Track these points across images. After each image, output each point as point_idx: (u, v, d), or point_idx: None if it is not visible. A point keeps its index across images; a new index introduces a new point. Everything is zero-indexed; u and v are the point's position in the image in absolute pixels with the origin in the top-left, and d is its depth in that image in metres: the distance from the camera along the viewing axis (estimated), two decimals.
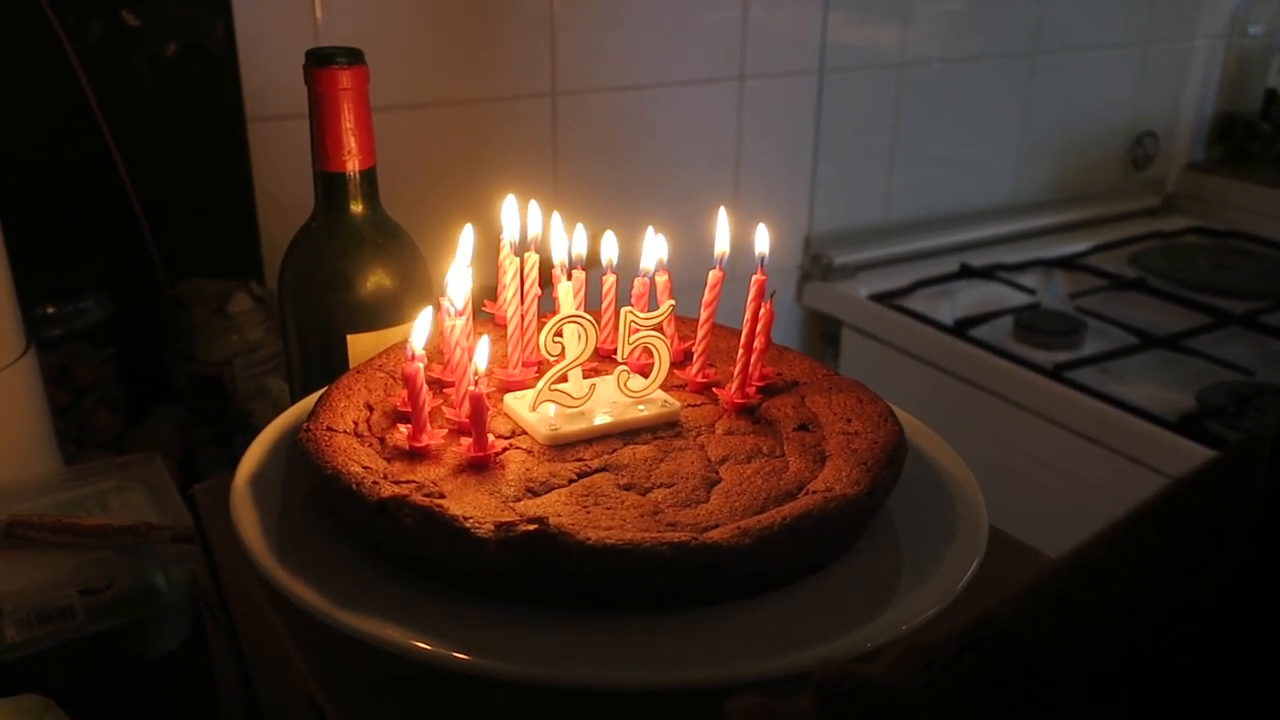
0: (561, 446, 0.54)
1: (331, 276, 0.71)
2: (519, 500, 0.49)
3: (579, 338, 0.56)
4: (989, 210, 1.64)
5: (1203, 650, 0.25)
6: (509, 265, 0.62)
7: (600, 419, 0.55)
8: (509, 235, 0.62)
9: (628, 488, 0.51)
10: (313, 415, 0.54)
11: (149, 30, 1.01)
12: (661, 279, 0.63)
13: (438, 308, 0.57)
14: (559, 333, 0.56)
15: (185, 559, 0.73)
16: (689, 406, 0.58)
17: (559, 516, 0.47)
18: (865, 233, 1.53)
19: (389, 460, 0.52)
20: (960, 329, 1.32)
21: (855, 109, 1.46)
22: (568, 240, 0.62)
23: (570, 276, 0.60)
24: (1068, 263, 1.57)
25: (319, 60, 0.68)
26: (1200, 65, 1.79)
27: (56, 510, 0.76)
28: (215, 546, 0.60)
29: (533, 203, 0.63)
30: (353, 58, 0.68)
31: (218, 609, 0.61)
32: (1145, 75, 1.74)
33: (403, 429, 0.53)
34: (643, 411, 0.56)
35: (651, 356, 0.58)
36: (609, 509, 0.48)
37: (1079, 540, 0.30)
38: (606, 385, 0.58)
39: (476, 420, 0.51)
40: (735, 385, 0.59)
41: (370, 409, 0.56)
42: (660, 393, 0.58)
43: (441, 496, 0.48)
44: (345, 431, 0.53)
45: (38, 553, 0.72)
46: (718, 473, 0.52)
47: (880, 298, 1.42)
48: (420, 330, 0.54)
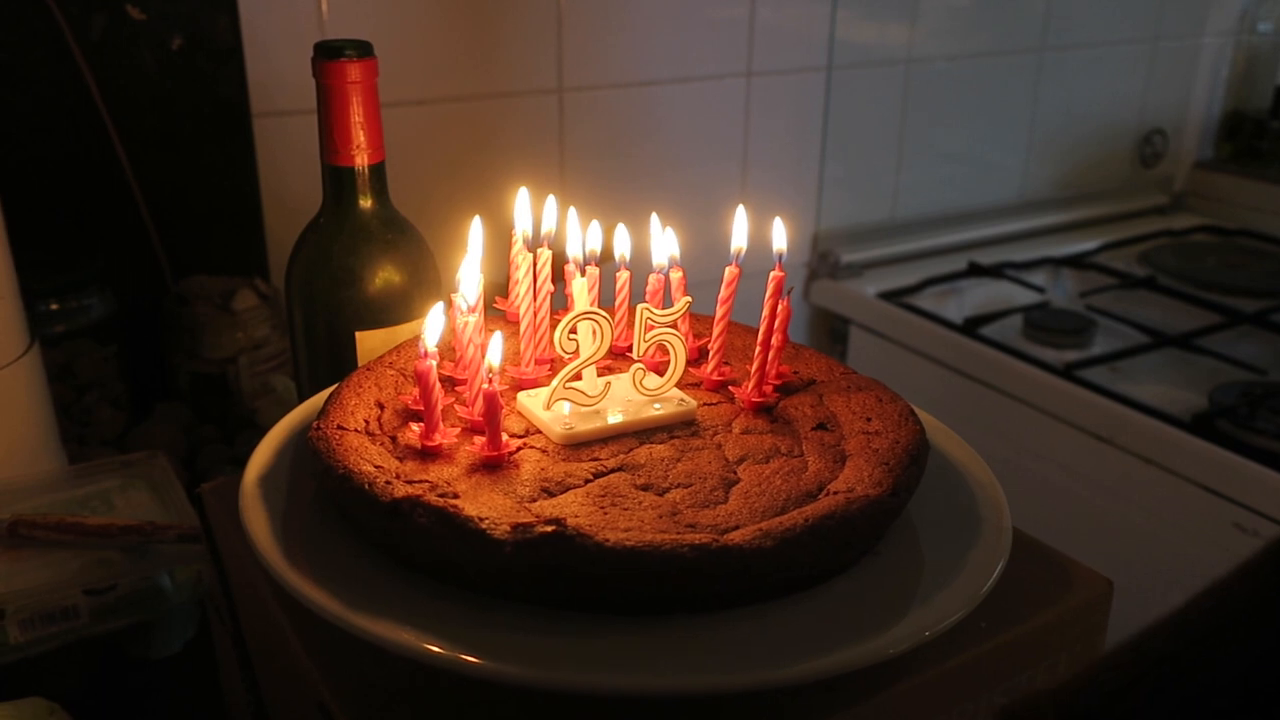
0: (576, 446, 0.53)
1: (339, 273, 0.70)
2: (535, 501, 0.48)
3: (594, 335, 0.55)
4: (997, 208, 1.63)
5: None
6: (521, 261, 0.61)
7: (615, 418, 0.54)
8: (521, 229, 0.61)
9: (645, 488, 0.50)
10: (323, 413, 0.53)
11: (153, 24, 1.00)
12: (676, 275, 0.61)
13: (449, 304, 0.56)
14: (573, 329, 0.55)
15: (191, 559, 0.72)
16: (705, 405, 0.57)
17: (576, 517, 0.46)
18: (873, 230, 1.52)
19: (401, 460, 0.51)
20: (969, 328, 1.31)
21: (863, 106, 1.45)
22: (581, 235, 0.61)
23: (584, 273, 0.59)
24: (1077, 261, 1.56)
25: (328, 53, 0.67)
26: (1209, 63, 1.78)
27: (60, 509, 0.75)
28: (222, 547, 0.59)
29: (550, 197, 0.62)
30: (362, 50, 0.67)
31: (224, 610, 0.60)
32: (1154, 73, 1.72)
33: (415, 428, 0.52)
34: (658, 410, 0.55)
35: (667, 354, 0.57)
36: (626, 510, 0.47)
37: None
38: (621, 383, 0.57)
39: (490, 419, 0.50)
40: (752, 384, 0.58)
41: (381, 407, 0.55)
42: (676, 391, 0.57)
43: (456, 497, 0.47)
44: (356, 430, 0.52)
45: (42, 552, 0.71)
46: (736, 473, 0.51)
47: (888, 296, 1.41)
48: (433, 327, 0.53)
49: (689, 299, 0.59)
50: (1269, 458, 1.04)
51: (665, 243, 0.61)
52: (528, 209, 0.62)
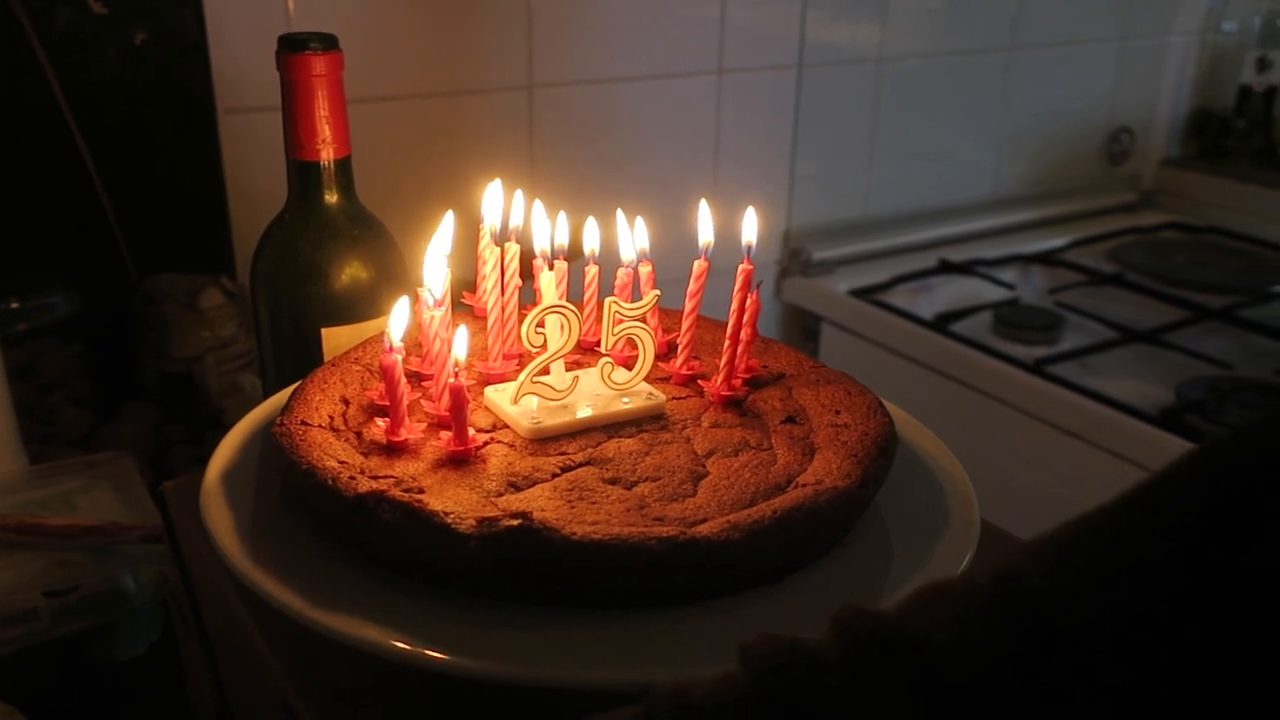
0: (544, 440, 0.52)
1: (305, 268, 0.69)
2: (501, 495, 0.48)
3: (561, 329, 0.54)
4: (968, 206, 1.64)
5: (1232, 622, 0.25)
6: (489, 255, 0.60)
7: (583, 412, 0.54)
8: (489, 223, 0.61)
9: (613, 482, 0.49)
10: (286, 409, 0.53)
11: (116, 19, 0.98)
12: (645, 270, 0.61)
13: (415, 298, 0.56)
14: (541, 323, 0.54)
15: (155, 560, 0.71)
16: (674, 399, 0.57)
17: (543, 511, 0.45)
18: (845, 228, 1.52)
19: (366, 455, 0.50)
20: (940, 324, 1.32)
21: (834, 104, 1.45)
22: (550, 229, 0.61)
23: (552, 266, 0.59)
24: (1046, 258, 1.57)
25: (292, 46, 0.66)
26: (1175, 62, 1.80)
27: (20, 510, 0.74)
28: (185, 546, 0.58)
29: (518, 192, 0.62)
30: (327, 43, 0.67)
31: (188, 610, 0.59)
32: (1121, 72, 1.74)
33: (380, 423, 0.52)
34: (627, 404, 0.55)
35: (635, 348, 0.57)
36: (594, 503, 0.47)
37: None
38: (590, 378, 0.56)
39: (456, 413, 0.50)
40: (721, 378, 0.57)
41: (346, 403, 0.54)
42: (645, 385, 0.56)
43: (421, 492, 0.46)
44: (320, 426, 0.51)
45: (1, 554, 0.70)
46: (704, 466, 0.51)
47: (860, 293, 1.41)
48: (398, 320, 0.52)
49: (657, 292, 0.59)
50: None
51: (634, 237, 0.61)
52: (496, 203, 0.62)
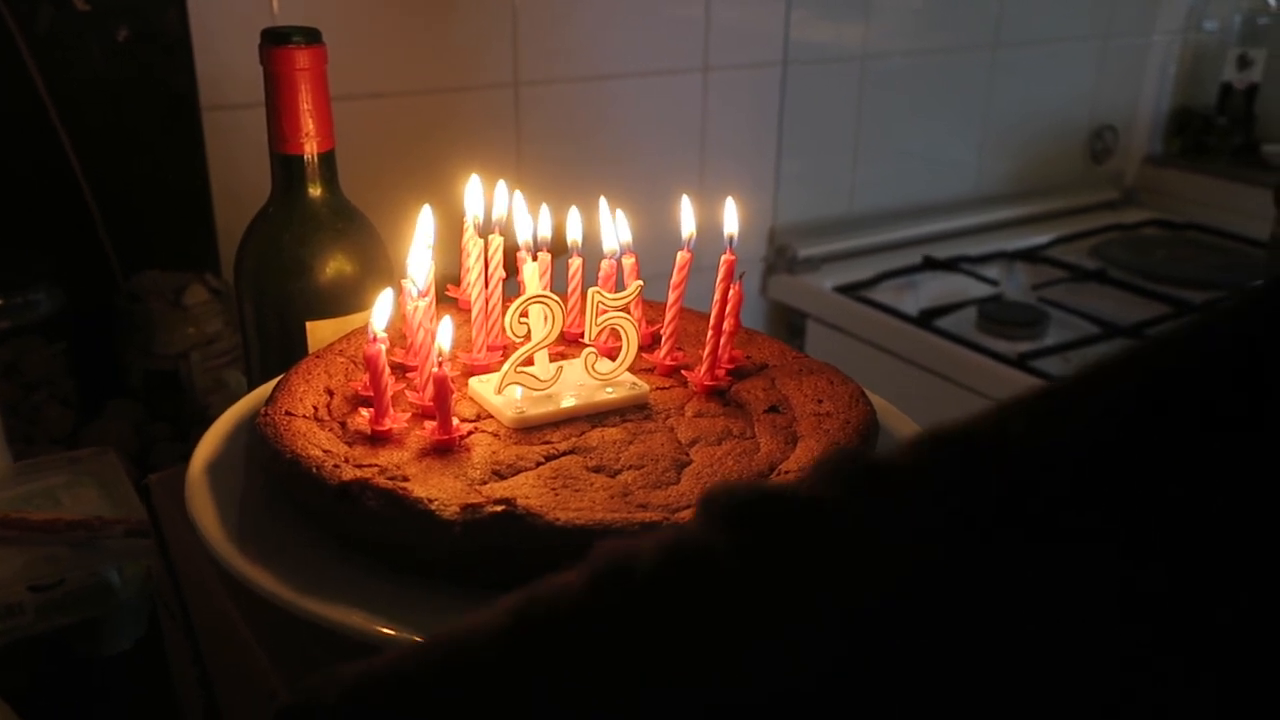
0: (528, 430, 0.52)
1: (289, 262, 0.69)
2: (485, 483, 0.48)
3: (545, 319, 0.55)
4: (952, 203, 1.65)
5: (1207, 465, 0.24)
6: (473, 247, 0.61)
7: (567, 402, 0.54)
8: (472, 215, 0.61)
9: (597, 470, 0.49)
10: (270, 400, 0.53)
11: (99, 16, 0.98)
12: (629, 261, 0.61)
13: (399, 289, 0.56)
14: (524, 313, 0.55)
15: (139, 554, 0.71)
16: (658, 389, 0.57)
17: (527, 498, 0.46)
18: (830, 225, 1.52)
19: (350, 444, 0.50)
20: (925, 320, 1.32)
21: (819, 102, 1.46)
22: (532, 221, 0.61)
23: (535, 258, 0.59)
24: (1030, 254, 1.57)
25: (275, 39, 0.66)
26: (1157, 60, 1.81)
27: (6, 506, 0.74)
28: (171, 539, 0.58)
29: (500, 183, 0.62)
30: (310, 37, 0.67)
31: (174, 604, 0.59)
32: (1104, 70, 1.75)
33: (364, 413, 0.52)
34: (611, 394, 0.55)
35: (619, 339, 0.57)
36: (578, 491, 0.47)
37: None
38: (574, 368, 0.57)
39: (440, 402, 0.50)
40: (704, 368, 0.58)
41: (330, 394, 0.55)
42: (628, 375, 0.57)
43: (405, 480, 0.47)
44: (304, 416, 0.52)
45: None
46: (688, 454, 0.51)
47: (845, 290, 1.42)
48: (381, 310, 0.52)
49: (641, 283, 0.59)
50: None
51: (617, 228, 0.61)
52: (479, 195, 0.62)
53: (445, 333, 0.51)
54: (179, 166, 1.05)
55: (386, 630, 0.42)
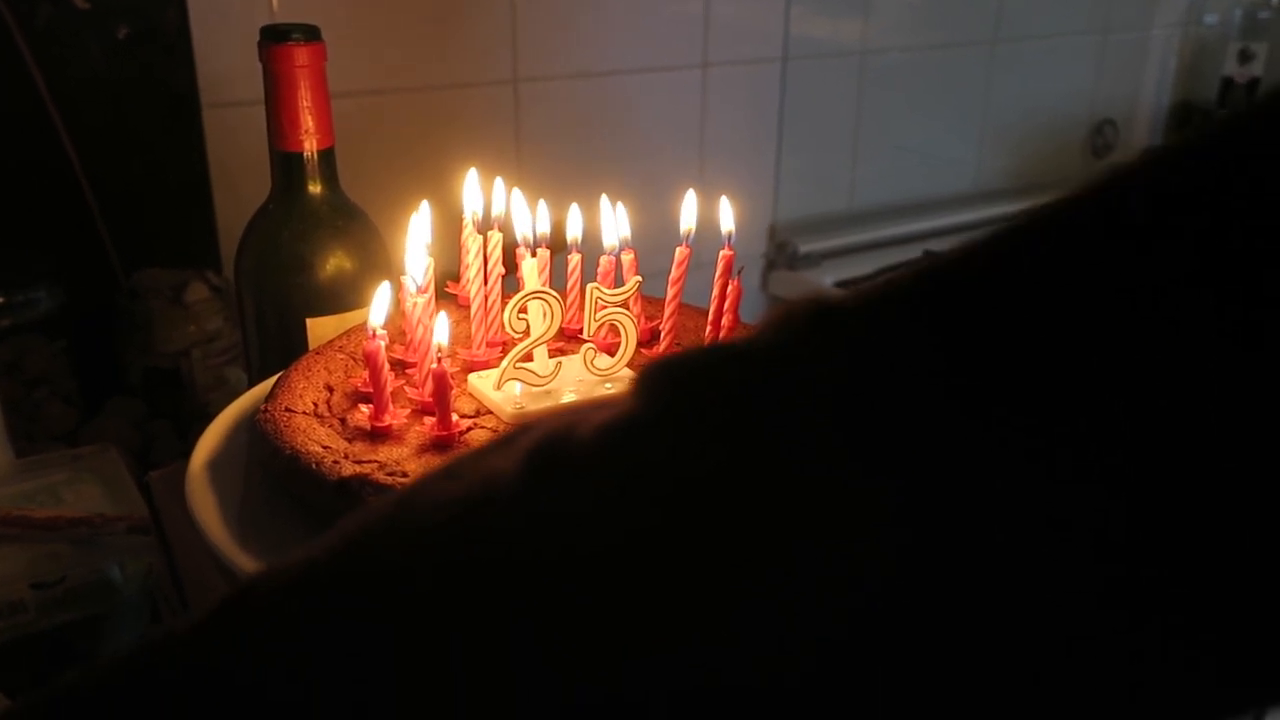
0: None
1: (289, 259, 0.69)
2: None
3: (544, 314, 0.55)
4: (952, 198, 1.65)
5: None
6: (472, 243, 0.61)
7: (567, 398, 0.54)
8: (471, 211, 0.61)
9: None
10: (270, 396, 0.53)
11: (99, 14, 0.98)
12: (627, 257, 0.62)
13: (398, 285, 0.56)
14: (523, 309, 0.55)
15: (141, 551, 0.71)
16: None
17: None
18: (830, 221, 1.53)
19: (350, 440, 0.50)
20: None
21: (819, 97, 1.46)
22: (531, 217, 0.61)
23: (535, 254, 0.59)
24: None
25: (274, 37, 0.66)
26: (1158, 54, 1.81)
27: (7, 503, 0.74)
28: (172, 536, 0.58)
29: (497, 180, 0.62)
30: (309, 35, 0.67)
31: (175, 600, 0.60)
32: (1104, 64, 1.75)
33: (364, 409, 0.52)
34: (610, 390, 0.55)
35: (618, 334, 0.57)
36: None
37: None
38: (573, 364, 0.57)
39: (440, 398, 0.50)
40: None
41: (330, 390, 0.55)
42: (627, 371, 0.57)
43: (405, 476, 0.47)
44: (304, 412, 0.52)
45: None
46: None
47: (846, 285, 1.42)
48: (379, 306, 0.52)
49: (639, 278, 0.59)
50: None
51: (616, 223, 0.61)
52: (477, 191, 0.62)
53: (443, 329, 0.51)
54: (179, 164, 1.05)
55: None
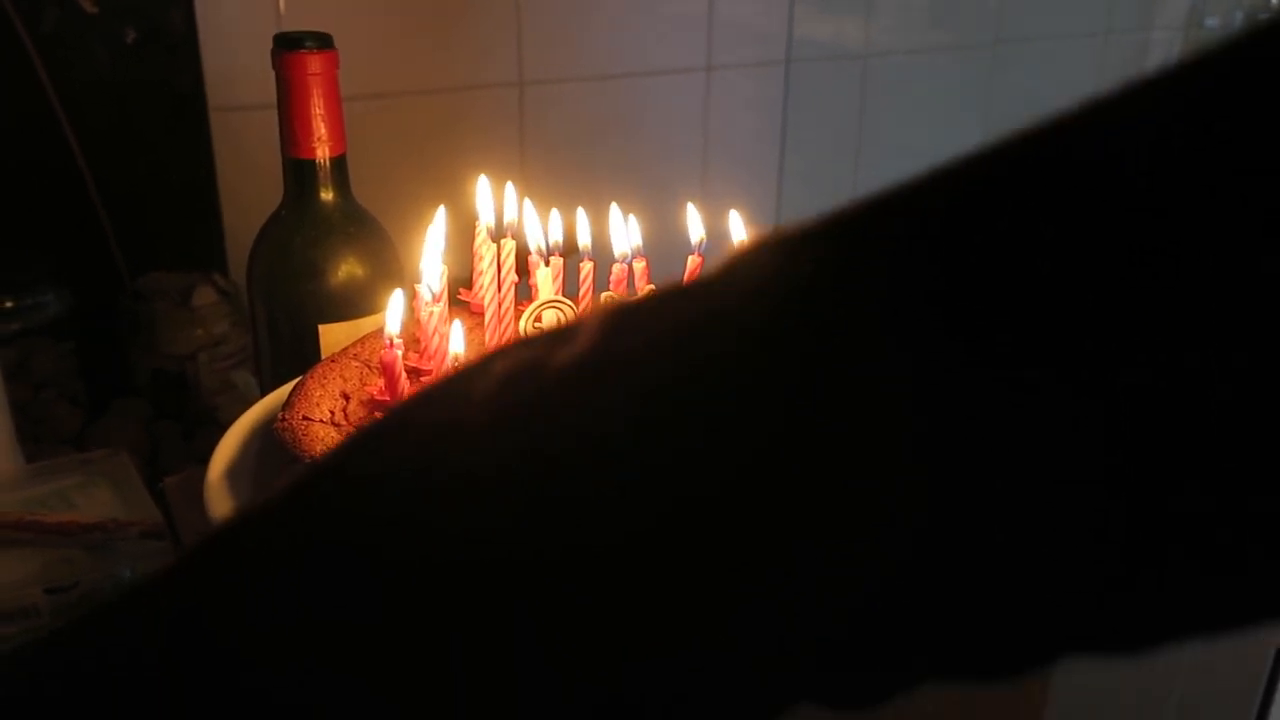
0: None
1: (302, 266, 0.70)
2: None
3: (558, 323, 0.55)
4: None
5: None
6: (485, 252, 0.61)
7: None
8: (485, 221, 0.61)
9: None
10: (288, 405, 0.53)
11: (106, 17, 0.98)
12: (639, 265, 0.62)
13: (412, 294, 0.56)
14: (539, 318, 0.55)
15: (154, 556, 0.72)
16: None
17: None
18: None
19: None
20: None
21: (822, 100, 1.46)
22: (543, 226, 0.61)
23: (548, 263, 0.60)
24: None
25: (287, 44, 0.67)
26: (1158, 57, 1.81)
27: (19, 508, 0.74)
28: (186, 541, 0.58)
29: (508, 185, 0.63)
30: (322, 42, 0.67)
31: None
32: (1105, 66, 1.75)
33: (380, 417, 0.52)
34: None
35: None
36: None
37: None
38: None
39: None
40: None
41: (346, 398, 0.55)
42: None
43: None
44: (322, 420, 0.52)
45: (1, 551, 0.70)
46: None
47: None
48: (394, 315, 0.53)
49: (652, 288, 0.59)
50: None
51: (627, 232, 0.62)
52: (489, 199, 0.62)
53: (458, 338, 0.52)
54: (185, 167, 1.06)
55: None
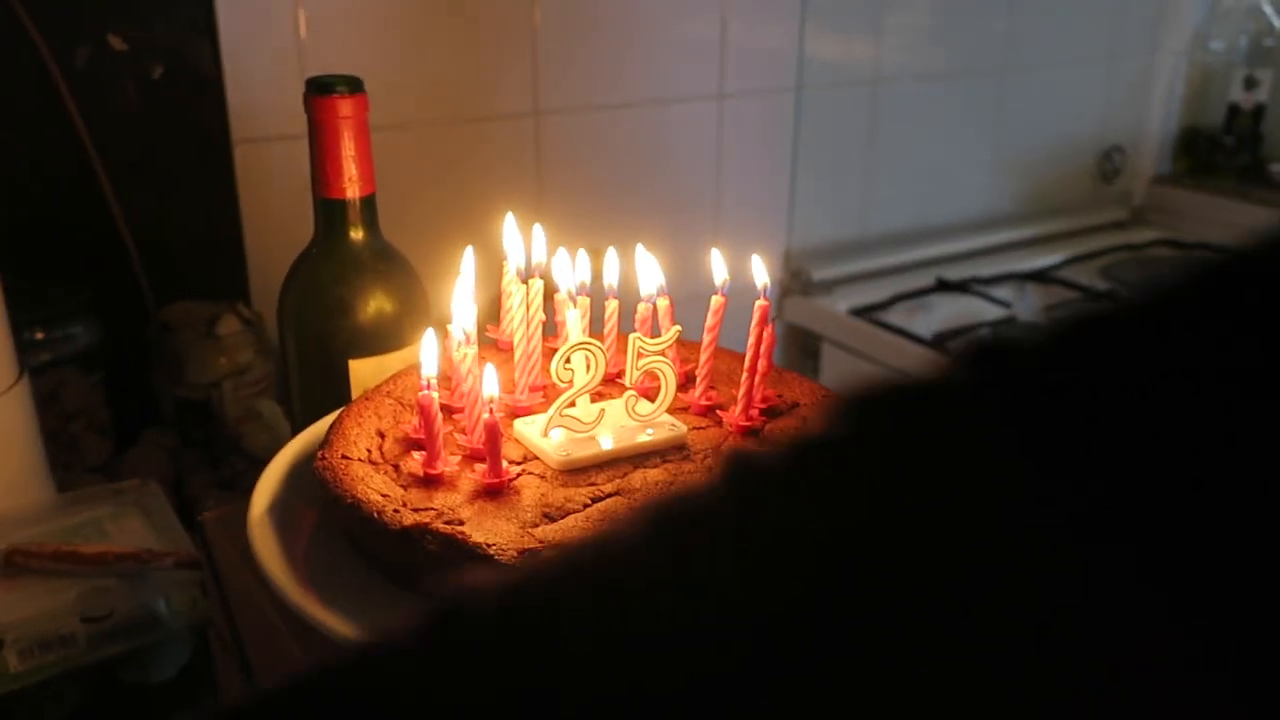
0: (573, 471, 0.55)
1: (332, 302, 0.72)
2: (537, 526, 0.50)
3: (588, 364, 0.57)
4: (963, 224, 1.67)
5: None
6: (514, 290, 0.63)
7: (609, 443, 0.56)
8: (513, 262, 0.63)
9: None
10: (326, 443, 0.55)
11: (135, 54, 1.01)
12: (663, 304, 0.64)
13: (444, 333, 0.58)
14: (568, 360, 0.57)
15: (186, 585, 0.73)
16: (694, 429, 0.59)
17: None
18: (844, 247, 1.55)
19: (405, 488, 0.52)
20: (938, 343, 1.34)
21: (832, 125, 1.48)
22: (571, 266, 0.63)
23: (576, 304, 0.61)
24: (1041, 275, 1.59)
25: (319, 89, 0.68)
26: (1164, 80, 1.83)
27: (54, 538, 0.76)
28: (225, 575, 0.60)
29: (536, 226, 0.64)
30: (353, 86, 0.69)
31: (228, 637, 0.61)
32: (1112, 91, 1.77)
33: (416, 456, 0.54)
34: (651, 435, 0.57)
35: (656, 380, 0.59)
36: None
37: None
38: (614, 409, 0.59)
39: (492, 448, 0.52)
40: (739, 408, 0.60)
41: (382, 436, 0.57)
42: (667, 416, 0.59)
43: (461, 524, 0.49)
44: (360, 459, 0.54)
45: (38, 581, 0.72)
46: None
47: (859, 312, 1.44)
48: (429, 357, 0.54)
49: (678, 328, 0.61)
50: None
51: (654, 272, 0.64)
52: (517, 239, 0.64)
53: (492, 381, 0.54)
54: (211, 198, 1.08)
55: None
